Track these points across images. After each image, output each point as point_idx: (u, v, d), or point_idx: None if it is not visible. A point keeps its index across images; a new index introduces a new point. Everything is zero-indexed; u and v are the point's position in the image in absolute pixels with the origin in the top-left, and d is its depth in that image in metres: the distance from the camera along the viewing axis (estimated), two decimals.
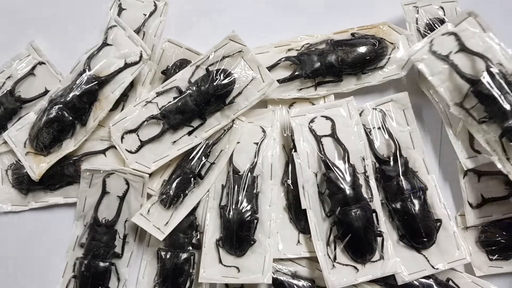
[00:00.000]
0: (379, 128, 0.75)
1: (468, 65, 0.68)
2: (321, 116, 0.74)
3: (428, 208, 0.72)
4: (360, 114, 0.75)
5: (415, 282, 0.72)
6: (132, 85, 0.77)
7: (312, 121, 0.74)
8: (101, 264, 0.73)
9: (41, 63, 0.78)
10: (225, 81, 0.71)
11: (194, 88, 0.72)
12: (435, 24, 0.76)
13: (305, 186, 0.71)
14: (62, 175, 0.75)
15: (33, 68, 0.78)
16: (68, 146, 0.74)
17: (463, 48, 0.69)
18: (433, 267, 0.71)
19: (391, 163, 0.73)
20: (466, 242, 0.74)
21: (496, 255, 0.74)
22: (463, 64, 0.69)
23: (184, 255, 0.73)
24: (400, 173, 0.72)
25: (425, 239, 0.71)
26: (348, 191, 0.69)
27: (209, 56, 0.72)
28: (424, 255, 0.72)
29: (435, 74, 0.70)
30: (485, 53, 0.68)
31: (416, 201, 0.71)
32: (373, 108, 0.75)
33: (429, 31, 0.75)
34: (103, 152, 0.75)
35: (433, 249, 0.72)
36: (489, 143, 0.69)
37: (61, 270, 0.75)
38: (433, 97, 0.75)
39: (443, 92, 0.70)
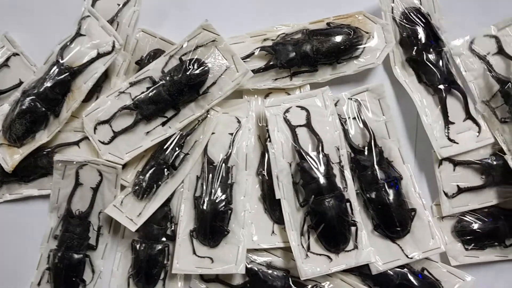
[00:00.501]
0: (354, 118, 0.74)
1: (503, 67, 0.74)
2: (296, 106, 0.74)
3: (403, 197, 0.72)
4: (336, 104, 0.74)
5: (390, 271, 0.72)
6: (106, 76, 0.76)
7: (287, 111, 0.73)
8: (75, 256, 0.73)
9: (15, 54, 0.77)
10: (198, 71, 0.70)
11: (167, 78, 0.71)
12: (411, 13, 0.75)
13: (279, 176, 0.71)
14: (36, 167, 0.75)
15: (7, 59, 0.77)
16: (42, 138, 0.74)
17: (500, 51, 0.74)
18: (407, 256, 0.71)
19: (366, 152, 0.72)
20: (442, 231, 0.74)
21: (472, 245, 0.74)
22: (498, 66, 0.74)
23: (158, 247, 0.73)
24: (375, 163, 0.72)
25: (399, 229, 0.71)
26: (321, 180, 0.69)
27: (182, 46, 0.72)
28: (398, 245, 0.72)
29: (469, 70, 0.75)
30: None
31: (390, 191, 0.71)
32: (349, 98, 0.75)
33: (404, 20, 0.75)
34: (76, 143, 0.75)
35: (407, 239, 0.72)
36: (506, 142, 0.72)
37: (36, 263, 0.74)
38: (409, 87, 0.75)
39: (473, 87, 0.75)
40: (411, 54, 0.74)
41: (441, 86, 0.73)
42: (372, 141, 0.73)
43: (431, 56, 0.74)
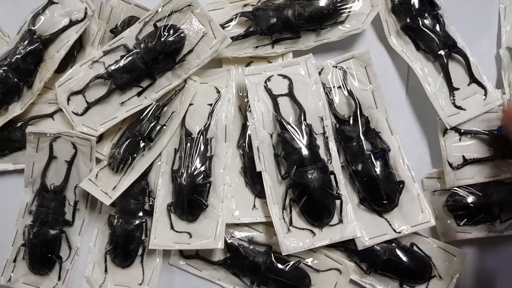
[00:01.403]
0: (339, 87, 0.71)
1: None
2: (278, 75, 0.70)
3: (390, 169, 0.68)
4: (320, 73, 0.71)
5: (377, 247, 0.69)
6: (81, 46, 0.73)
7: (268, 79, 0.70)
8: (50, 231, 0.70)
9: None
10: (173, 37, 0.67)
11: (142, 45, 0.68)
12: None
13: (259, 147, 0.68)
14: (9, 140, 0.72)
15: None
16: (15, 110, 0.71)
17: None
18: (395, 231, 0.68)
19: (351, 123, 0.69)
20: (433, 206, 0.71)
21: (465, 220, 0.70)
22: None
23: (135, 222, 0.70)
24: (361, 133, 0.68)
25: (386, 202, 0.68)
26: (304, 151, 0.66)
27: (157, 11, 0.69)
28: (385, 219, 0.69)
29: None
30: None
31: (377, 162, 0.68)
32: (333, 66, 0.71)
33: None
34: (51, 115, 0.72)
35: (395, 213, 0.69)
36: None
37: (11, 238, 0.72)
38: (408, 56, 0.70)
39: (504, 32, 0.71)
40: (405, 22, 0.70)
41: (442, 52, 0.69)
42: (358, 110, 0.69)
43: (427, 21, 0.70)
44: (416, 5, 0.70)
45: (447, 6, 0.70)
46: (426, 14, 0.70)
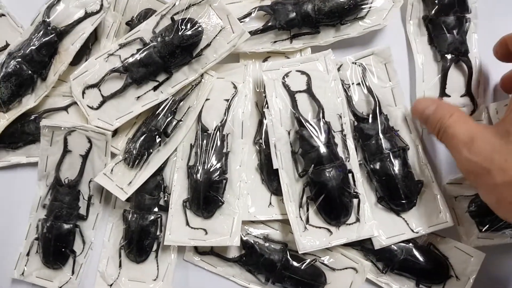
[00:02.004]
0: (358, 84, 0.70)
1: None
2: (296, 71, 0.69)
3: (409, 168, 0.67)
4: (339, 69, 0.70)
5: (394, 246, 0.68)
6: (96, 38, 0.72)
7: (286, 75, 0.69)
8: (64, 225, 0.70)
9: (1, 15, 0.73)
10: (191, 31, 0.66)
11: (159, 39, 0.67)
12: None
13: (277, 144, 0.67)
14: (23, 133, 0.71)
15: None
16: (29, 102, 0.70)
17: None
18: (412, 230, 0.67)
19: (370, 120, 0.68)
20: (455, 211, 0.69)
21: (487, 226, 0.68)
22: None
23: (150, 217, 0.70)
24: (380, 131, 0.67)
25: (404, 201, 0.67)
26: (322, 149, 0.65)
27: (174, 4, 0.67)
28: (403, 218, 0.68)
29: None
30: None
31: (396, 161, 0.67)
32: (353, 62, 0.70)
33: None
34: (65, 108, 0.71)
35: (413, 212, 0.68)
36: None
37: (25, 232, 0.72)
38: (416, 46, 0.70)
39: None
40: (429, 13, 0.69)
41: (448, 56, 0.68)
42: (377, 108, 0.68)
43: (449, 20, 0.68)
44: (447, 1, 0.68)
45: (479, 13, 0.69)
46: (452, 13, 0.68)
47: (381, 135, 0.67)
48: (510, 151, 0.54)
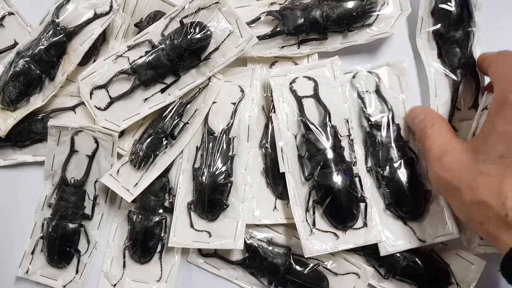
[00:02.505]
0: (370, 92, 0.70)
1: None
2: (303, 77, 0.69)
3: (419, 178, 0.68)
4: (354, 77, 0.70)
5: (396, 253, 0.68)
6: (104, 39, 0.72)
7: (293, 81, 0.69)
8: (70, 225, 0.70)
9: (10, 13, 0.74)
10: (200, 35, 0.66)
11: (167, 42, 0.67)
12: None
13: (283, 148, 0.68)
14: (30, 132, 0.72)
15: (2, 19, 0.73)
16: (36, 102, 0.71)
17: None
18: (419, 239, 0.68)
19: (383, 128, 0.68)
20: (456, 219, 0.70)
21: None
22: None
23: (155, 218, 0.70)
24: (392, 140, 0.68)
25: (412, 210, 0.67)
26: (328, 152, 0.65)
27: (184, 7, 0.67)
28: (410, 227, 0.68)
29: None
30: None
31: (406, 170, 0.67)
32: (368, 71, 0.70)
33: None
34: (72, 108, 0.72)
35: (420, 221, 0.68)
36: None
37: (30, 231, 0.72)
38: (427, 61, 0.70)
39: None
40: (439, 27, 0.69)
41: (459, 70, 0.69)
42: (391, 117, 0.68)
43: (458, 35, 0.68)
44: (456, 16, 0.68)
45: (481, 24, 0.69)
46: (461, 28, 0.69)
47: (393, 144, 0.68)
48: (479, 169, 0.52)
